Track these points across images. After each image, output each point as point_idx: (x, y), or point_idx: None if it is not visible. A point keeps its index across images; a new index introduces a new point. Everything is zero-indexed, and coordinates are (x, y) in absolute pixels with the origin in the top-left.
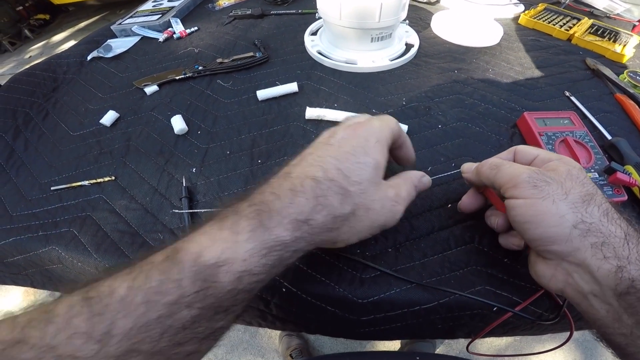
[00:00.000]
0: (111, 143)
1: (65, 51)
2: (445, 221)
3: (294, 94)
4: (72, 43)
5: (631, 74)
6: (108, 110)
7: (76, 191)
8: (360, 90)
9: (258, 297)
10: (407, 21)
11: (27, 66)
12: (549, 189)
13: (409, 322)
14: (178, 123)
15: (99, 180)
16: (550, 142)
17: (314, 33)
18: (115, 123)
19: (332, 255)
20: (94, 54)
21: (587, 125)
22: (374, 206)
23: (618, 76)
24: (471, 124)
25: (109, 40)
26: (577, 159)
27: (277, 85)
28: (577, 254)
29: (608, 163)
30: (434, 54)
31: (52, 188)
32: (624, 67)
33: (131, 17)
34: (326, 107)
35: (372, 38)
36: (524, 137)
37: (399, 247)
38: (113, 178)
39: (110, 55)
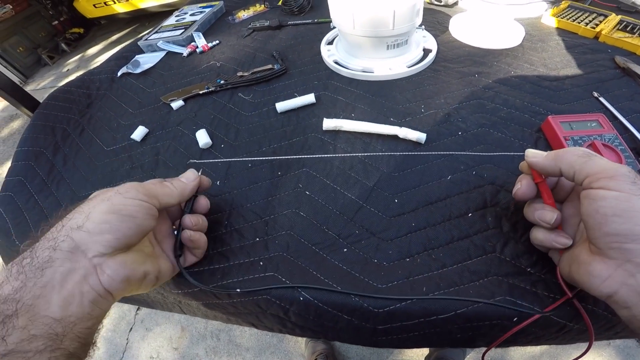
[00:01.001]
0: (141, 157)
1: (96, 67)
2: (465, 230)
3: (312, 104)
4: (106, 56)
5: None
6: (138, 126)
7: None
8: (377, 99)
9: (277, 305)
10: (423, 26)
11: (63, 82)
12: None
13: (426, 331)
14: (202, 137)
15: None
16: (577, 146)
17: (330, 42)
18: (145, 138)
19: (345, 263)
20: (124, 70)
21: (618, 127)
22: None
23: None
24: (493, 129)
25: (137, 56)
26: None
27: (296, 96)
28: None
29: None
30: (453, 58)
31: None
32: None
33: (156, 32)
34: (343, 117)
35: (387, 46)
36: (549, 142)
37: (417, 257)
38: None
39: (138, 71)
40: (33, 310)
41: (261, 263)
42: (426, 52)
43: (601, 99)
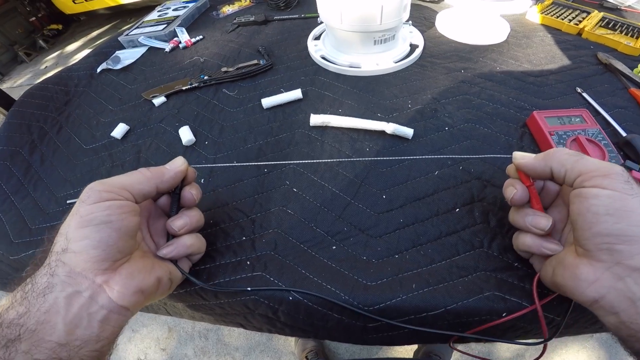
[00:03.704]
0: (122, 156)
1: (75, 64)
2: (453, 226)
3: (299, 100)
4: (85, 52)
5: None
6: (118, 123)
7: None
8: (365, 95)
9: (266, 306)
10: (410, 22)
11: (40, 80)
12: (638, 189)
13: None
14: (186, 134)
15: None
16: (562, 141)
17: (317, 37)
18: (126, 135)
19: (334, 261)
20: (103, 66)
21: (601, 122)
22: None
23: (632, 70)
24: (479, 124)
25: (117, 52)
26: None
27: (282, 92)
28: None
29: (623, 161)
30: (439, 53)
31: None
32: (638, 60)
33: (138, 27)
34: (331, 113)
35: (375, 41)
36: (534, 137)
37: (405, 253)
38: None
39: (118, 67)
40: (37, 336)
41: (248, 262)
42: (413, 47)
43: (584, 94)
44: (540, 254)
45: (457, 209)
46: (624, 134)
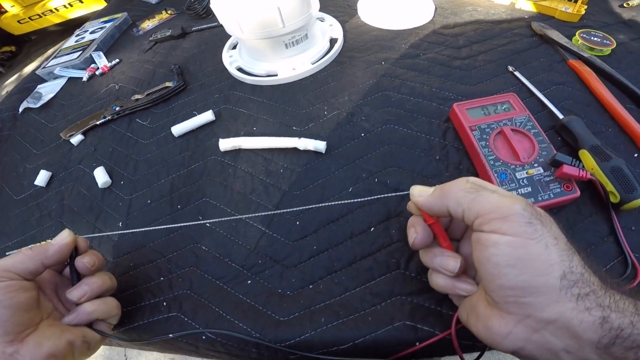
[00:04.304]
0: (48, 205)
1: None
2: (367, 247)
3: (211, 123)
4: None
5: (584, 35)
6: (40, 170)
7: None
8: (280, 106)
9: (185, 343)
10: (324, 17)
11: None
12: (542, 229)
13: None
14: (100, 176)
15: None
16: (484, 137)
17: (234, 47)
18: (51, 182)
19: (249, 296)
20: (24, 104)
21: (535, 105)
22: None
23: (570, 39)
24: (398, 125)
25: (38, 87)
26: (515, 154)
27: (195, 115)
28: (555, 307)
29: (554, 152)
30: (359, 46)
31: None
32: (577, 27)
33: (55, 57)
34: (245, 133)
35: (286, 44)
36: (458, 133)
37: (320, 283)
38: None
39: (39, 104)
40: None
41: (165, 303)
42: (333, 42)
43: (516, 73)
44: (455, 294)
45: (372, 228)
46: (560, 116)
